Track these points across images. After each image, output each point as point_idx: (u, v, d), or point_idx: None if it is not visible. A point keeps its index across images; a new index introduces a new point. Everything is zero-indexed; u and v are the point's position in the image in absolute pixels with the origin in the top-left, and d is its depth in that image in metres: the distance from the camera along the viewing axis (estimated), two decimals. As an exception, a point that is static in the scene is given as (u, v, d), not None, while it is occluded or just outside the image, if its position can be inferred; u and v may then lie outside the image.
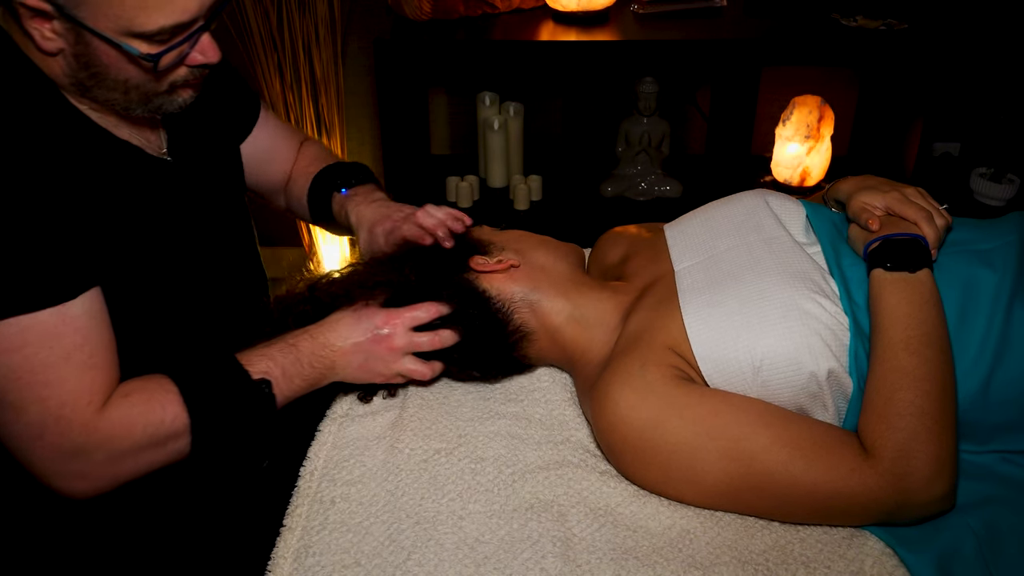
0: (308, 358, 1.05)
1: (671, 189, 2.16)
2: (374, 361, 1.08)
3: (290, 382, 1.03)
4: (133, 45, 0.89)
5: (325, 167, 1.31)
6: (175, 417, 0.95)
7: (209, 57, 0.96)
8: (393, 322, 1.07)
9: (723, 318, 0.98)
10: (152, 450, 0.95)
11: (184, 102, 1.00)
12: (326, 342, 1.06)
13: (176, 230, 1.07)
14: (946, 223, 1.00)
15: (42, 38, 0.89)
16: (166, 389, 0.96)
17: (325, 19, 2.15)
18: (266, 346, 1.04)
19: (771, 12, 2.04)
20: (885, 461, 0.87)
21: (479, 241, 1.17)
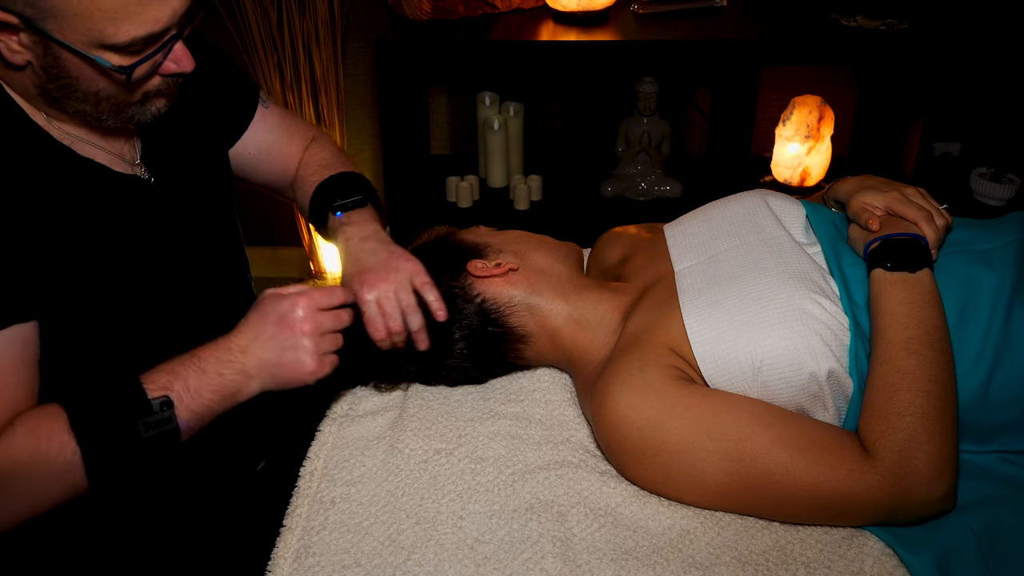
0: (214, 367, 0.94)
1: (671, 189, 2.16)
2: (292, 352, 0.95)
3: (198, 396, 0.92)
4: (104, 57, 0.85)
5: (327, 179, 1.21)
6: (62, 447, 0.87)
7: (183, 66, 0.91)
8: (297, 304, 0.96)
9: (723, 318, 0.98)
10: (43, 483, 0.88)
11: (157, 111, 0.96)
12: (231, 345, 0.95)
13: (148, 248, 1.02)
14: (946, 223, 1.00)
15: (8, 51, 0.85)
16: (54, 416, 0.88)
17: (325, 19, 2.15)
18: (172, 362, 0.94)
19: (771, 12, 2.04)
20: (885, 461, 0.87)
21: (476, 244, 1.17)
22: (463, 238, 1.19)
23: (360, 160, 2.46)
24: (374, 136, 2.41)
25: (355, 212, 1.16)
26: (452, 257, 1.14)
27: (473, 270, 1.12)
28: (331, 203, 1.16)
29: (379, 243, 1.11)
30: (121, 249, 0.98)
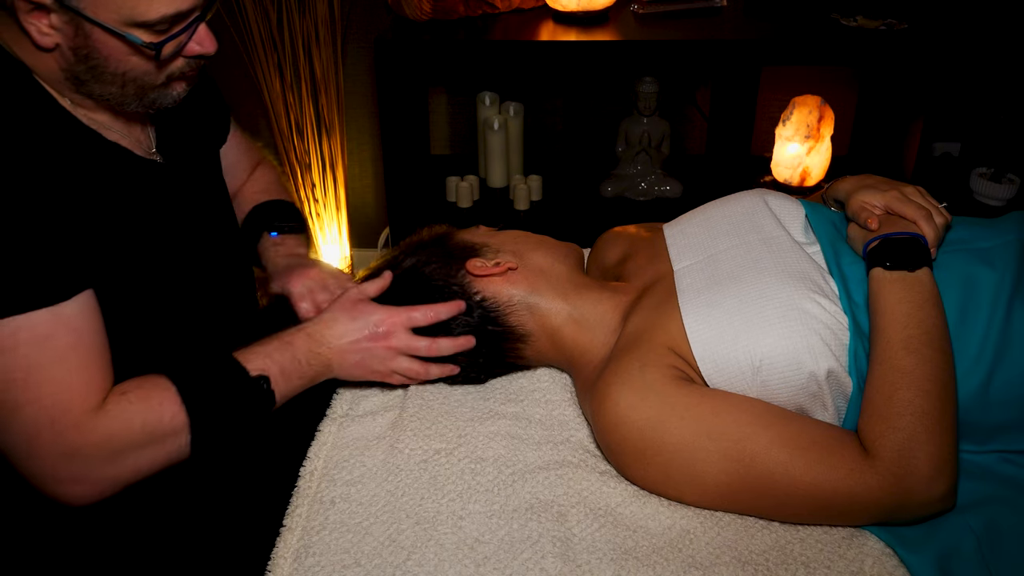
0: (305, 356, 1.04)
1: (671, 189, 2.16)
2: (370, 359, 1.08)
3: (288, 380, 1.03)
4: (135, 34, 0.89)
5: (266, 202, 1.32)
6: (173, 415, 0.94)
7: (206, 47, 0.96)
8: (391, 320, 1.07)
9: (722, 318, 0.98)
10: (151, 449, 0.94)
11: (178, 96, 1.00)
12: (322, 340, 1.06)
13: (167, 231, 1.07)
14: (945, 221, 1.00)
15: (39, 33, 0.89)
16: (163, 387, 0.95)
17: (325, 19, 2.15)
18: (262, 344, 1.04)
19: (771, 12, 2.04)
20: (885, 461, 0.87)
21: (476, 244, 1.17)
22: (462, 237, 1.19)
23: (360, 160, 2.46)
24: (374, 136, 2.41)
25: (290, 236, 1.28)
26: (451, 256, 1.14)
27: (472, 269, 1.12)
28: (268, 223, 1.29)
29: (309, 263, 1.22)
30: (142, 229, 1.03)
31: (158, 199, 1.06)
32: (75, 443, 0.90)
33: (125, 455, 0.93)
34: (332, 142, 2.30)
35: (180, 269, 1.08)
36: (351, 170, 2.45)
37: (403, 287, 1.13)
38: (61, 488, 0.92)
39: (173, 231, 1.08)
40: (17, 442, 0.89)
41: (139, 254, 1.02)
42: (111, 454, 0.92)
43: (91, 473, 0.92)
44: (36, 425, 0.89)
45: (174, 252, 1.07)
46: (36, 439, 0.89)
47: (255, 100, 2.29)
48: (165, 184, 1.08)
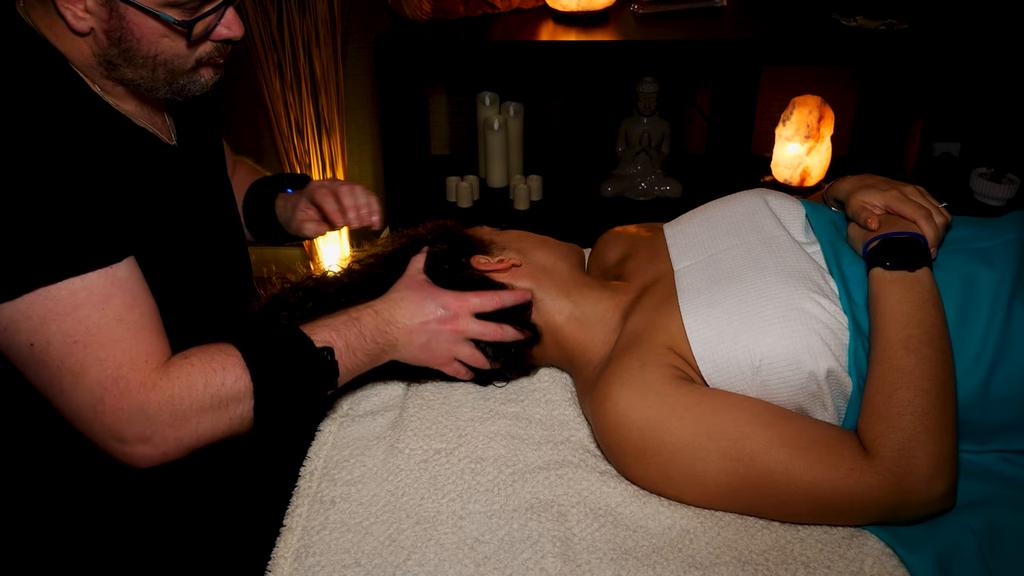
0: (371, 333, 1.04)
1: (671, 189, 2.16)
2: (436, 342, 1.07)
3: (352, 355, 1.02)
4: (168, 13, 0.93)
5: (264, 176, 1.38)
6: (236, 379, 0.94)
7: (234, 31, 0.99)
8: (458, 305, 1.07)
9: (722, 318, 0.98)
10: (214, 412, 0.94)
11: (207, 83, 1.03)
12: (391, 319, 1.05)
13: (183, 212, 1.09)
14: (945, 221, 1.00)
15: (75, 17, 0.92)
16: (227, 353, 0.96)
17: (325, 19, 2.15)
18: (329, 318, 1.03)
19: (771, 12, 2.04)
20: (885, 460, 0.87)
21: (480, 241, 1.17)
22: (467, 234, 1.19)
23: (360, 160, 2.46)
24: (374, 136, 2.41)
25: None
26: (456, 252, 1.14)
27: (477, 264, 1.12)
28: (279, 186, 1.33)
29: None
30: (164, 209, 1.05)
31: (179, 183, 1.09)
32: (140, 402, 0.90)
33: (188, 417, 0.92)
34: (332, 142, 2.30)
35: (192, 248, 1.10)
36: (351, 170, 2.45)
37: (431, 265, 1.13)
38: (126, 448, 0.92)
39: (188, 213, 1.10)
40: (83, 404, 0.90)
41: (161, 232, 1.04)
42: (175, 415, 0.92)
43: (156, 433, 0.92)
44: (102, 386, 0.89)
45: (189, 233, 1.10)
46: (102, 401, 0.89)
47: (255, 100, 2.29)
48: (184, 170, 1.11)
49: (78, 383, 0.89)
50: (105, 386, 0.89)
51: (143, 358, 0.91)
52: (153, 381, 0.91)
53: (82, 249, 0.89)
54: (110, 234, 0.92)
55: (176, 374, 0.92)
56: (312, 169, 2.31)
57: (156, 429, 0.91)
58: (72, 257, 0.88)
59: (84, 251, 0.89)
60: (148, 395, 0.90)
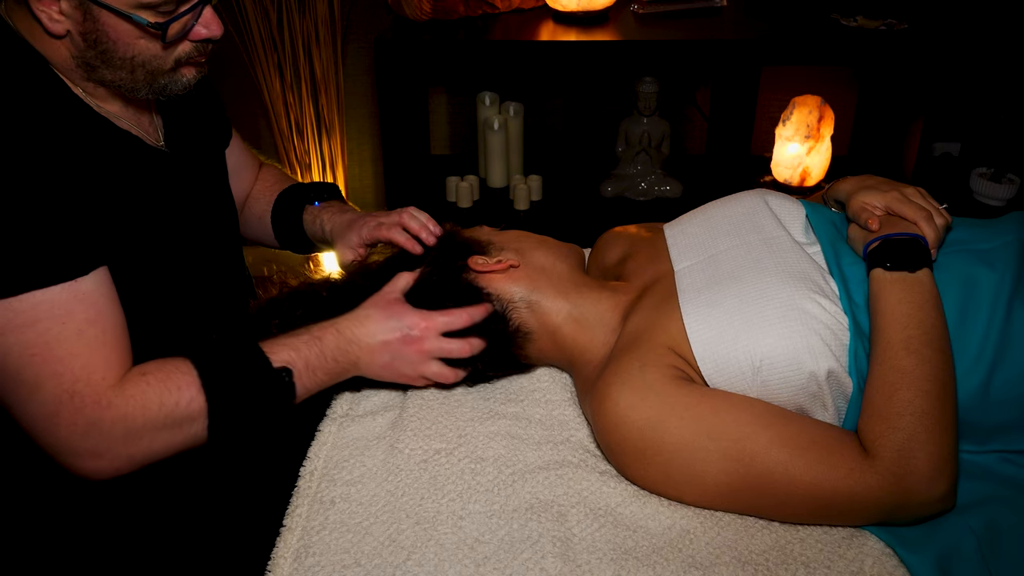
0: (332, 352, 1.03)
1: (671, 189, 2.16)
2: (400, 362, 1.07)
3: (313, 375, 1.02)
4: (141, 15, 0.91)
5: (293, 185, 1.35)
6: (191, 400, 0.94)
7: (213, 31, 0.98)
8: (424, 325, 1.06)
9: (723, 318, 0.98)
10: (168, 431, 0.94)
11: (189, 82, 1.02)
12: (353, 337, 1.05)
13: (170, 217, 1.08)
14: (946, 222, 1.00)
15: (49, 20, 0.91)
16: (183, 371, 0.95)
17: (325, 19, 2.15)
18: (290, 337, 1.03)
19: (771, 12, 2.04)
20: (885, 461, 0.87)
21: (478, 241, 1.17)
22: (465, 234, 1.19)
23: (360, 160, 2.46)
24: (374, 136, 2.41)
25: (333, 201, 1.32)
26: (454, 252, 1.14)
27: (474, 265, 1.12)
28: (306, 198, 1.31)
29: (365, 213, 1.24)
30: (148, 214, 1.04)
31: (164, 187, 1.08)
32: (93, 419, 0.90)
33: (141, 435, 0.93)
34: (332, 142, 2.30)
35: (181, 255, 1.09)
36: (351, 170, 2.45)
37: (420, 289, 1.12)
38: (79, 462, 0.92)
39: (176, 218, 1.09)
40: (37, 416, 0.90)
41: (144, 238, 1.03)
42: (128, 432, 0.92)
43: (108, 449, 0.92)
44: (57, 400, 0.89)
45: (176, 238, 1.09)
46: (56, 415, 0.90)
47: (255, 100, 2.29)
48: (171, 173, 1.10)
49: (34, 395, 0.89)
50: (61, 400, 0.89)
51: (100, 374, 0.91)
52: (108, 398, 0.91)
53: (46, 262, 0.88)
54: (78, 246, 0.91)
55: (131, 391, 0.92)
56: (312, 169, 2.31)
57: (109, 445, 0.92)
58: (34, 270, 0.87)
59: (48, 264, 0.88)
60: (102, 412, 0.91)
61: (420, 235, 1.15)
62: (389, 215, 1.19)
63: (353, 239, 1.21)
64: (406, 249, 1.15)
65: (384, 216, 1.20)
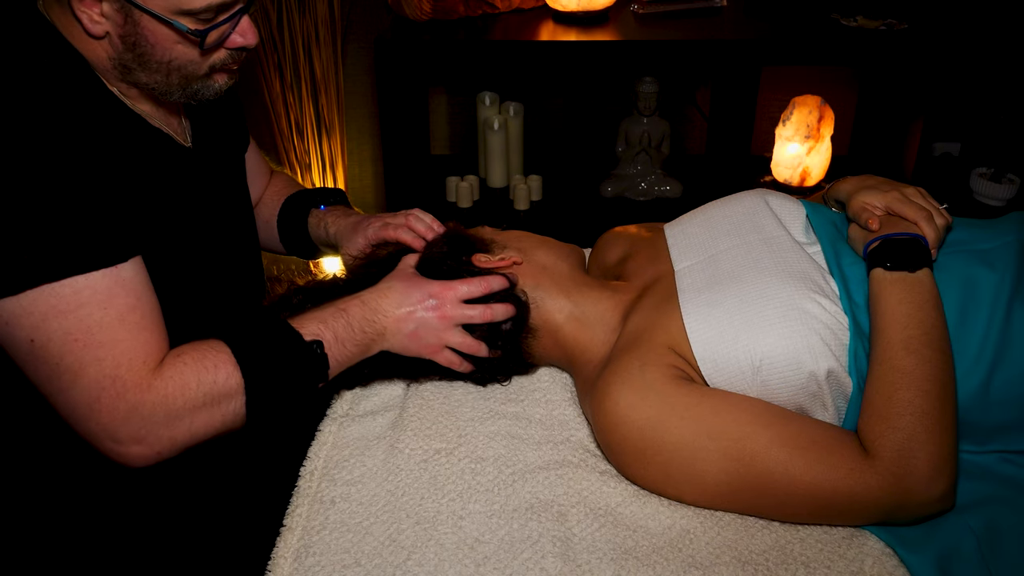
0: (359, 323, 1.04)
1: (671, 189, 2.16)
2: (424, 330, 1.07)
3: (342, 347, 1.03)
4: (182, 22, 0.93)
5: (301, 189, 1.37)
6: (228, 376, 0.95)
7: (248, 39, 1.00)
8: (445, 292, 1.08)
9: (723, 318, 0.98)
10: (207, 410, 0.95)
11: (220, 88, 1.03)
12: (378, 308, 1.06)
13: (195, 216, 1.09)
14: (946, 223, 1.00)
15: (90, 21, 0.93)
16: (218, 350, 0.96)
17: (325, 19, 2.15)
18: (317, 311, 1.04)
19: (771, 12, 2.04)
20: (885, 461, 0.87)
21: (481, 240, 1.17)
22: (468, 233, 1.19)
23: (360, 160, 2.46)
24: (374, 136, 2.41)
25: (338, 206, 1.33)
26: (457, 250, 1.14)
27: (478, 262, 1.12)
28: (312, 201, 1.33)
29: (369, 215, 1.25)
30: (176, 210, 1.06)
31: (191, 184, 1.10)
32: (135, 403, 0.91)
33: (182, 416, 0.93)
34: (332, 142, 2.30)
35: (203, 250, 1.11)
36: (351, 170, 2.45)
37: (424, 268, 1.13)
38: (121, 448, 0.92)
39: (201, 215, 1.10)
40: (79, 403, 0.90)
41: (170, 232, 1.04)
42: (169, 414, 0.93)
43: (150, 433, 0.92)
44: (99, 385, 0.90)
45: (200, 234, 1.10)
46: (98, 400, 0.90)
47: (255, 100, 2.29)
48: (198, 172, 1.11)
49: (76, 381, 0.89)
50: (103, 385, 0.90)
51: (141, 359, 0.92)
52: (148, 382, 0.91)
53: (88, 248, 0.89)
54: (117, 233, 0.92)
55: (169, 373, 0.93)
56: (312, 169, 2.31)
57: (151, 429, 0.92)
58: (77, 255, 0.88)
59: (90, 250, 0.89)
60: (143, 395, 0.91)
61: (426, 236, 1.17)
62: (395, 216, 1.21)
63: (359, 240, 1.22)
64: (413, 248, 1.17)
65: (390, 217, 1.21)
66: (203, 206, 1.11)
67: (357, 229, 1.23)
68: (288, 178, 1.44)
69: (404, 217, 1.20)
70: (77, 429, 0.92)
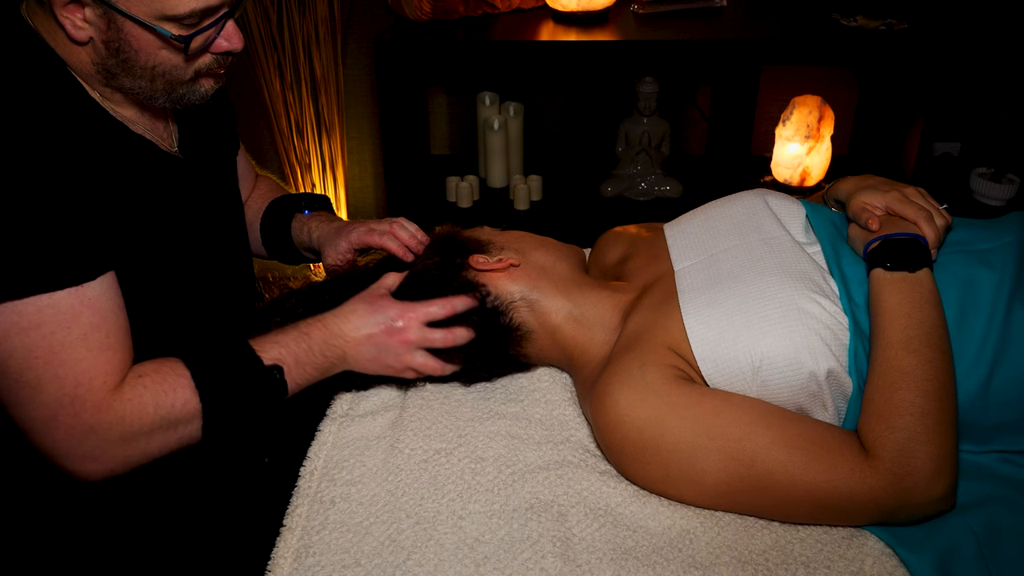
0: (320, 347, 1.05)
1: (671, 189, 2.16)
2: (386, 354, 1.07)
3: (302, 370, 1.04)
4: (165, 27, 0.92)
5: (284, 195, 1.37)
6: (186, 401, 0.96)
7: (234, 44, 0.99)
8: (408, 315, 1.07)
9: (723, 318, 0.98)
10: (163, 433, 0.95)
11: (206, 93, 1.03)
12: (339, 331, 1.06)
13: (183, 222, 1.09)
14: (946, 223, 1.00)
15: (73, 27, 0.92)
16: (178, 373, 0.97)
17: (325, 19, 2.15)
18: (278, 334, 1.05)
19: (771, 12, 2.04)
20: (885, 461, 0.87)
21: (479, 241, 1.17)
22: (466, 234, 1.19)
23: (360, 160, 2.46)
24: (374, 136, 2.41)
25: (322, 211, 1.33)
26: (455, 251, 1.14)
27: (475, 264, 1.12)
28: (297, 206, 1.32)
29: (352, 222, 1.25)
30: (161, 218, 1.05)
31: (177, 192, 1.09)
32: (92, 422, 0.91)
33: (137, 438, 0.94)
34: (332, 142, 2.30)
35: (192, 259, 1.10)
36: (351, 170, 2.45)
37: (412, 283, 1.13)
38: (75, 464, 0.93)
39: (188, 223, 1.10)
40: (36, 418, 0.91)
41: (156, 242, 1.04)
42: (124, 435, 0.93)
43: (105, 452, 0.93)
44: (57, 403, 0.90)
45: (188, 242, 1.09)
46: (55, 417, 0.90)
47: (255, 100, 2.29)
48: (185, 178, 1.10)
49: (34, 398, 0.90)
50: (61, 404, 0.90)
51: (101, 379, 0.92)
52: (107, 402, 0.92)
53: (53, 266, 0.88)
54: (86, 251, 0.91)
55: (128, 396, 0.93)
56: (312, 169, 2.31)
57: (105, 448, 0.93)
58: (42, 274, 0.88)
59: (55, 268, 0.89)
60: (100, 416, 0.91)
61: (409, 244, 1.17)
62: (380, 223, 1.21)
63: (341, 244, 1.21)
64: (397, 256, 1.16)
65: (375, 223, 1.21)
66: (190, 212, 1.10)
67: (340, 234, 1.22)
68: (273, 182, 1.44)
69: (389, 224, 1.20)
70: (32, 442, 0.93)
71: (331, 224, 1.27)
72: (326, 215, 1.32)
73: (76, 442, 0.91)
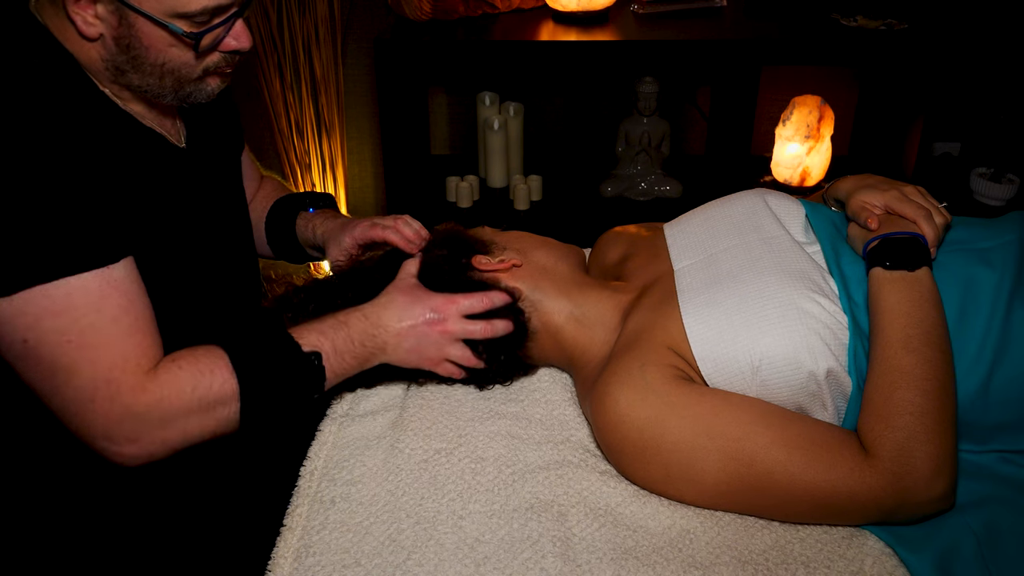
0: (359, 336, 1.05)
1: (671, 189, 2.16)
2: (425, 344, 1.08)
3: (340, 359, 1.04)
4: (177, 25, 0.93)
5: (290, 193, 1.38)
6: (224, 382, 0.96)
7: (242, 43, 1.00)
8: (448, 307, 1.08)
9: (722, 318, 0.98)
10: (201, 415, 0.95)
11: (213, 91, 1.03)
12: (379, 322, 1.06)
13: (190, 215, 1.09)
14: (945, 221, 1.00)
15: (84, 23, 0.93)
16: (215, 356, 0.97)
17: (325, 19, 2.15)
18: (317, 322, 1.05)
19: (771, 12, 2.04)
20: (884, 460, 0.87)
21: (481, 241, 1.17)
22: (468, 234, 1.19)
23: (360, 160, 2.46)
24: (374, 136, 2.41)
25: (327, 209, 1.34)
26: (457, 251, 1.14)
27: (478, 264, 1.12)
28: (301, 204, 1.33)
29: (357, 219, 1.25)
30: (169, 211, 1.05)
31: (185, 184, 1.09)
32: (130, 404, 0.91)
33: (176, 419, 0.94)
34: (332, 142, 2.30)
35: (199, 252, 1.11)
36: (351, 170, 2.45)
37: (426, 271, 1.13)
38: (114, 447, 0.93)
39: (196, 216, 1.10)
40: (72, 403, 0.91)
41: (164, 232, 1.04)
42: (163, 417, 0.93)
43: (143, 435, 0.93)
44: (93, 386, 0.90)
45: (195, 235, 1.10)
46: (92, 401, 0.90)
47: (255, 100, 2.29)
48: (192, 172, 1.11)
49: (70, 382, 0.90)
50: (97, 387, 0.90)
51: (135, 361, 0.92)
52: (143, 384, 0.92)
53: (80, 249, 0.89)
54: (109, 234, 0.92)
55: (165, 377, 0.93)
56: (312, 169, 2.31)
57: (144, 430, 0.93)
58: (70, 256, 0.88)
59: (82, 251, 0.89)
60: (137, 397, 0.91)
61: (413, 240, 1.17)
62: (384, 219, 1.21)
63: (346, 240, 1.22)
64: (401, 248, 1.16)
65: (379, 219, 1.22)
66: (197, 206, 1.11)
67: (345, 230, 1.23)
68: (277, 183, 1.45)
69: (393, 220, 1.20)
70: (71, 428, 0.93)
71: (336, 221, 1.28)
72: (331, 212, 1.33)
73: (115, 425, 0.91)
